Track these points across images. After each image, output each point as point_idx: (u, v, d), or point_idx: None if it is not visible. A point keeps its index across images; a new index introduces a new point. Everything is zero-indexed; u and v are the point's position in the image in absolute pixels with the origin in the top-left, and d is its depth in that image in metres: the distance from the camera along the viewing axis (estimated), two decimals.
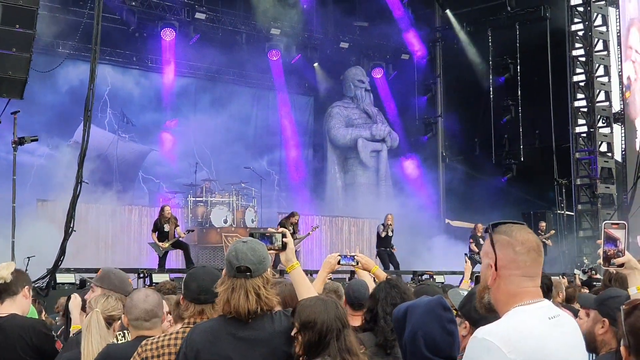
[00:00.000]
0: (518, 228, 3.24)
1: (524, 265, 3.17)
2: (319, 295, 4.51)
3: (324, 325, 4.11)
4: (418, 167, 31.54)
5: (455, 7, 31.38)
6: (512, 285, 3.16)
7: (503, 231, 3.23)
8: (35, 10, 13.11)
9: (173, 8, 26.90)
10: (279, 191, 30.30)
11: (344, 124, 31.72)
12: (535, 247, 3.20)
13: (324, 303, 4.22)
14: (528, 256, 3.17)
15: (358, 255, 6.27)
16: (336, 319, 4.18)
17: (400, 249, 23.36)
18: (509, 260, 3.17)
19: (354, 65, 32.18)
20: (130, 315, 4.99)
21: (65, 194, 14.40)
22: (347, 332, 4.20)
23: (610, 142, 27.30)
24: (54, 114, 24.62)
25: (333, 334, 4.12)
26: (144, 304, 5.00)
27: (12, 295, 5.77)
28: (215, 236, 23.55)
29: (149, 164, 27.33)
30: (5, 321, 5.65)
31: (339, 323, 4.17)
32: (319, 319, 4.12)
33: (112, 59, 26.51)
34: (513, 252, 3.17)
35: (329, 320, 4.14)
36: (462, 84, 30.89)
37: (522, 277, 3.16)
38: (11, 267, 5.87)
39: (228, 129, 28.17)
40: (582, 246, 26.64)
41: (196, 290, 4.57)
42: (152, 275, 16.82)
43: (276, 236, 4.78)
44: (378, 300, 5.39)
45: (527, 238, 3.20)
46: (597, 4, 27.25)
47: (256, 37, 29.06)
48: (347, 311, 4.64)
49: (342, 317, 4.22)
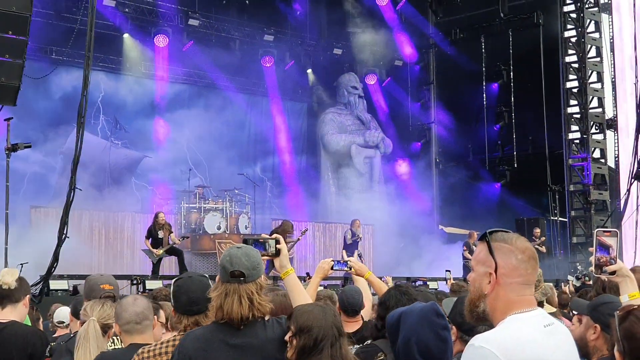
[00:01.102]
0: (516, 236, 3.25)
1: (525, 273, 3.18)
2: (317, 302, 4.52)
3: (320, 331, 4.12)
4: (411, 174, 31.55)
5: (449, 14, 31.43)
6: (512, 293, 3.16)
7: (502, 239, 3.23)
8: (28, 16, 13.08)
9: (166, 14, 26.90)
10: (273, 197, 30.27)
11: (338, 130, 31.73)
12: (534, 256, 3.22)
13: (322, 310, 4.24)
14: (528, 264, 3.19)
15: (351, 260, 6.27)
16: (333, 326, 4.18)
17: (393, 255, 23.36)
18: (511, 268, 3.17)
19: (348, 71, 32.19)
20: (120, 320, 4.97)
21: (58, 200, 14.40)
22: (342, 341, 4.20)
23: (603, 149, 27.35)
24: (47, 121, 24.58)
25: (328, 341, 4.12)
26: (134, 307, 4.99)
27: (15, 303, 5.79)
28: (209, 243, 23.52)
29: (142, 170, 27.27)
30: (5, 328, 5.65)
31: (335, 331, 4.18)
32: (316, 325, 4.12)
33: (106, 65, 26.48)
34: (515, 260, 3.18)
35: (326, 327, 4.14)
36: (456, 90, 30.94)
37: (522, 285, 3.17)
38: (16, 274, 5.88)
39: (221, 135, 28.17)
40: (576, 252, 26.67)
41: (187, 302, 4.57)
42: (146, 282, 16.80)
43: (270, 242, 4.78)
44: (389, 307, 5.39)
45: (527, 246, 3.22)
46: (590, 10, 27.31)
47: (250, 43, 29.08)
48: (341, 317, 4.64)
49: (339, 325, 4.24)
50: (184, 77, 28.63)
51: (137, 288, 16.54)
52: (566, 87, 27.37)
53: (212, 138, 27.56)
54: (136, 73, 27.29)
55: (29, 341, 5.65)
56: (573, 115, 27.42)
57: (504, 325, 3.12)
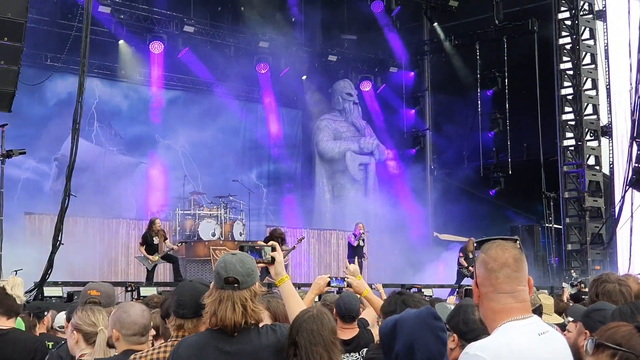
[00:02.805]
0: (497, 245, 3.26)
1: (496, 282, 3.19)
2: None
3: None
4: (406, 180, 31.54)
5: (444, 21, 31.45)
6: (492, 302, 3.19)
7: (483, 249, 3.26)
8: (24, 23, 13.07)
9: (161, 21, 26.91)
10: (268, 204, 30.28)
11: (333, 137, 31.75)
12: (510, 263, 3.21)
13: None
14: (500, 272, 3.19)
15: (349, 277, 6.19)
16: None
17: (388, 262, 23.33)
18: (484, 277, 3.21)
19: (342, 78, 32.21)
20: (127, 330, 4.96)
21: (52, 207, 14.38)
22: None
23: (598, 155, 27.36)
24: (42, 127, 24.56)
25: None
26: (142, 319, 5.00)
27: (16, 316, 5.90)
28: (203, 249, 23.47)
29: (137, 177, 27.25)
30: (6, 334, 5.71)
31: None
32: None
33: (101, 71, 26.49)
34: (485, 270, 3.20)
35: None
36: (450, 97, 30.96)
37: (497, 294, 3.18)
38: (23, 286, 5.99)
39: (216, 141, 28.16)
40: (570, 260, 26.68)
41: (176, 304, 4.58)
42: (140, 289, 16.75)
43: (265, 249, 4.77)
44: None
45: (499, 255, 3.22)
46: (585, 17, 27.36)
47: (244, 50, 29.10)
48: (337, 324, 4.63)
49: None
50: (179, 83, 28.63)
51: (131, 295, 16.48)
52: (561, 94, 27.40)
53: (207, 144, 27.57)
54: (131, 79, 27.30)
55: (31, 347, 5.71)
56: (568, 122, 27.44)
57: (498, 333, 3.13)
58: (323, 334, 4.26)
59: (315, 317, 4.28)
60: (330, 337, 4.28)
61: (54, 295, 15.25)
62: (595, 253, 26.51)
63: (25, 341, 5.77)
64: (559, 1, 27.59)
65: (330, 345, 4.27)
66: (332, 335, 4.30)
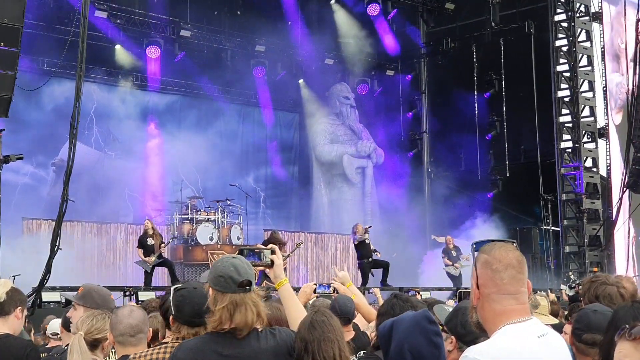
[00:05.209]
0: (499, 246, 3.25)
1: (501, 282, 3.18)
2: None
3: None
4: (403, 183, 31.54)
5: (440, 23, 31.48)
6: (495, 304, 3.17)
7: (484, 250, 3.25)
8: (20, 28, 13.09)
9: (158, 25, 26.91)
10: (265, 208, 30.27)
11: (330, 141, 31.75)
12: (514, 264, 3.20)
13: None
14: (505, 273, 3.18)
15: (335, 283, 6.20)
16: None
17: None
18: (487, 278, 3.19)
19: (339, 81, 32.21)
20: (115, 331, 4.94)
21: (50, 212, 14.38)
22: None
23: (595, 157, 27.34)
24: (40, 132, 24.56)
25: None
26: (129, 319, 4.96)
27: (4, 315, 5.74)
28: (201, 253, 23.47)
29: (134, 181, 27.23)
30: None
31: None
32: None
33: (98, 76, 26.48)
34: (490, 271, 3.19)
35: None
36: (447, 99, 30.92)
37: (501, 295, 3.17)
38: (7, 286, 5.83)
39: (214, 145, 28.11)
40: (568, 262, 26.68)
41: (191, 313, 4.54)
42: (138, 293, 16.76)
43: (265, 252, 4.76)
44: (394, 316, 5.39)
45: (504, 255, 3.21)
46: (581, 19, 27.35)
47: (241, 54, 29.08)
48: None
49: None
50: (176, 87, 28.62)
51: (129, 299, 16.49)
52: (558, 96, 27.38)
53: (204, 149, 27.54)
54: (128, 84, 27.28)
55: (21, 354, 5.63)
56: (565, 124, 27.42)
57: (498, 335, 3.13)
58: (333, 325, 4.31)
59: (322, 312, 4.33)
60: (340, 328, 4.33)
61: (52, 300, 15.26)
62: (593, 255, 26.51)
63: (17, 347, 5.69)
64: (555, 3, 27.57)
65: (340, 335, 4.32)
66: (340, 328, 4.36)
